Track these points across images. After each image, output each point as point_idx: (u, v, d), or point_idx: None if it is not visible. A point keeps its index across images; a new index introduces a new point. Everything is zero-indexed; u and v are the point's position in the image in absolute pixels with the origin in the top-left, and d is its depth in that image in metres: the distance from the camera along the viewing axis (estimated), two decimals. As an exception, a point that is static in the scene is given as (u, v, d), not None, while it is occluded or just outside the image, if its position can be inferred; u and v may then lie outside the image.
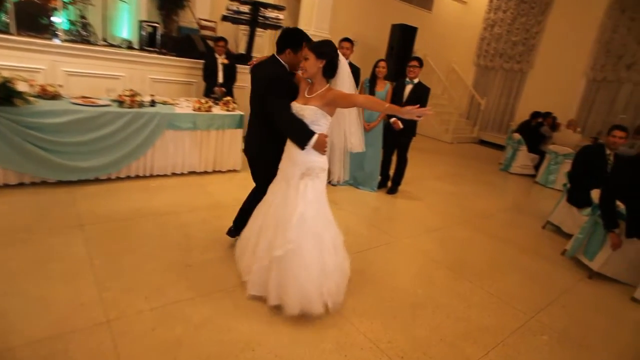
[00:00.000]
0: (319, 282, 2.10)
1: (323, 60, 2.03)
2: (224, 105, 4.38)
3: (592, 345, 2.38)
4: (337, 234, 2.29)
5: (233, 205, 3.57)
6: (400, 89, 4.44)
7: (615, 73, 7.72)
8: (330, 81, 2.12)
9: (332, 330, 2.12)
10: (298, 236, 2.05)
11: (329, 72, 2.07)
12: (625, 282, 3.17)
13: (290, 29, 2.36)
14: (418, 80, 4.43)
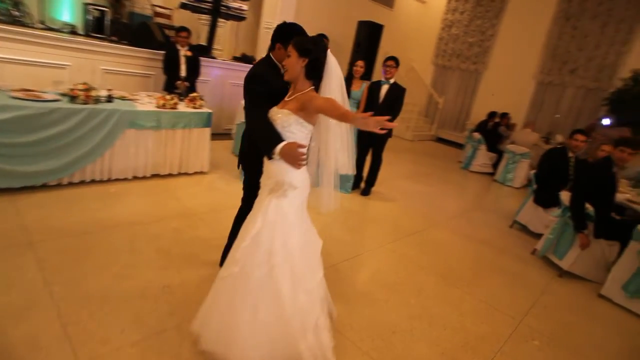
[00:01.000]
0: (275, 332, 1.69)
1: (305, 59, 1.68)
2: (191, 102, 4.03)
3: (579, 347, 2.47)
4: (315, 289, 1.82)
5: (206, 212, 3.31)
6: (376, 90, 4.37)
7: (560, 77, 8.28)
8: (316, 85, 1.76)
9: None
10: (246, 259, 1.69)
11: (312, 73, 1.71)
12: (591, 280, 3.37)
13: (286, 22, 2.13)
14: (394, 80, 4.38)
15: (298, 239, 1.75)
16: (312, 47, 1.68)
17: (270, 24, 6.96)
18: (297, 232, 1.76)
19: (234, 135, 5.37)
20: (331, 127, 1.78)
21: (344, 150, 1.87)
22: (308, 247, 1.84)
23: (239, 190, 3.95)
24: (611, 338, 2.67)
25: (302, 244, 1.78)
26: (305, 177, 1.80)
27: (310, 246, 1.87)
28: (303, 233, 1.81)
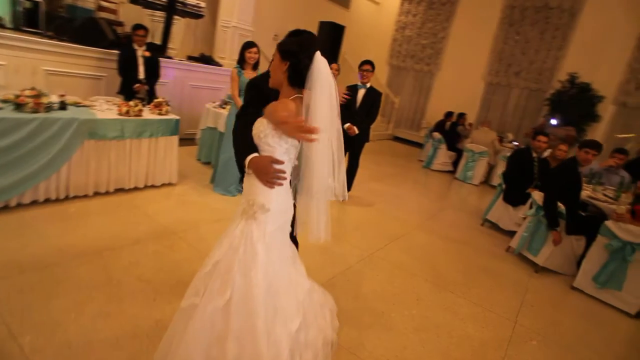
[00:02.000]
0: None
1: (287, 62, 1.45)
2: (156, 108, 3.69)
3: (569, 344, 2.60)
4: (283, 341, 1.50)
5: (185, 230, 3.04)
6: (353, 94, 4.31)
7: (506, 79, 8.85)
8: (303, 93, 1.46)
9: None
10: (205, 289, 1.48)
11: (294, 78, 1.45)
12: (563, 273, 3.59)
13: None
14: (370, 84, 4.36)
15: (265, 272, 1.46)
16: (295, 48, 1.44)
17: (227, 22, 6.64)
18: (265, 264, 1.46)
19: (199, 141, 5.04)
20: (313, 144, 1.45)
21: (331, 171, 1.53)
22: (282, 287, 1.54)
23: (214, 202, 3.73)
24: (593, 331, 2.85)
25: (273, 280, 1.49)
26: (284, 200, 1.54)
27: (286, 286, 1.56)
28: (274, 267, 1.50)
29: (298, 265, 1.72)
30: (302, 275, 1.72)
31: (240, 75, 3.81)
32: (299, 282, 1.66)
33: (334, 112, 1.49)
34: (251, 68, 3.84)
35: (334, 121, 1.50)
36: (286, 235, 1.63)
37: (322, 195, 1.53)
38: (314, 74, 1.41)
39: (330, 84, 1.45)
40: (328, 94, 1.45)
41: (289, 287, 1.59)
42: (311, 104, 1.41)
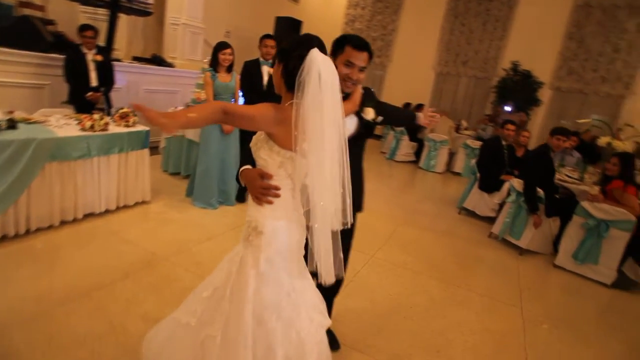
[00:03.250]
0: None
1: (281, 64, 1.29)
2: (122, 120, 3.30)
3: (572, 321, 2.77)
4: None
5: (176, 254, 2.77)
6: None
7: (455, 68, 9.26)
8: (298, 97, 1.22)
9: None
10: (202, 313, 1.38)
11: (288, 82, 1.26)
12: (543, 253, 3.84)
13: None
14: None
15: (255, 309, 1.27)
16: (286, 47, 1.28)
17: (176, 19, 6.15)
18: (253, 300, 1.27)
19: (163, 150, 4.64)
20: (309, 165, 1.22)
21: (334, 197, 1.26)
22: (272, 330, 1.28)
23: (197, 218, 3.45)
24: (584, 305, 3.09)
25: (262, 320, 1.28)
26: (282, 224, 1.30)
27: (275, 331, 1.29)
28: (266, 301, 1.29)
29: (307, 310, 1.39)
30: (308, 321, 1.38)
31: (214, 79, 3.52)
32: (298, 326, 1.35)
33: (333, 125, 1.21)
34: (225, 71, 3.57)
35: (334, 136, 1.21)
36: (293, 268, 1.37)
37: (323, 225, 1.27)
38: (304, 75, 1.19)
39: (332, 86, 1.21)
40: (321, 101, 1.18)
41: (287, 342, 1.31)
42: (299, 113, 1.19)
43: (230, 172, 3.79)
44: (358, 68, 1.58)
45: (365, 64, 1.60)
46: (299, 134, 1.19)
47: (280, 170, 1.29)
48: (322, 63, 1.20)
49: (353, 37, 1.63)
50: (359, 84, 1.64)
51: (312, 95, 1.17)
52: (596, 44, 7.81)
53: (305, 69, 1.19)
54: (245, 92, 3.74)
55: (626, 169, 3.34)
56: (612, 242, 3.36)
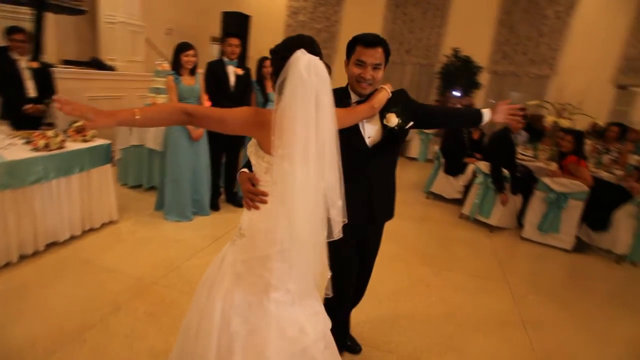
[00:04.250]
0: None
1: (273, 67, 1.24)
2: (78, 135, 2.95)
3: (552, 289, 3.03)
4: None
5: (164, 276, 2.58)
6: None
7: (400, 57, 9.55)
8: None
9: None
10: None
11: (274, 83, 1.20)
12: (509, 227, 4.14)
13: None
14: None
15: (224, 308, 1.23)
16: (275, 49, 1.24)
17: (112, 17, 5.63)
18: (224, 299, 1.23)
19: (119, 162, 4.25)
20: (286, 178, 1.15)
21: (315, 204, 1.19)
22: (235, 333, 1.21)
23: (174, 232, 3.24)
24: (556, 271, 3.39)
25: (229, 320, 1.21)
26: (270, 228, 1.23)
27: (238, 335, 1.21)
28: (233, 305, 1.23)
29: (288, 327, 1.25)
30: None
31: (178, 83, 3.27)
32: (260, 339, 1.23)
33: (319, 133, 1.13)
34: (189, 73, 3.33)
35: (311, 143, 1.13)
36: (256, 285, 1.27)
37: (300, 236, 1.20)
38: (284, 77, 1.12)
39: (309, 92, 1.10)
40: (303, 105, 1.10)
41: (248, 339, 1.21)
42: (277, 117, 1.11)
43: (203, 181, 3.58)
44: (371, 66, 1.50)
45: (378, 61, 1.51)
46: (276, 138, 1.12)
47: (267, 176, 1.23)
48: (304, 64, 1.11)
49: (363, 35, 1.55)
50: (375, 83, 1.54)
51: (288, 98, 1.10)
52: (524, 29, 8.48)
53: (285, 71, 1.12)
54: (212, 95, 3.52)
55: (579, 145, 3.69)
56: (569, 212, 3.71)
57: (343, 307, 1.86)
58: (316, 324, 1.30)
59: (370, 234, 1.79)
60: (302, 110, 1.10)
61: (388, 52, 1.55)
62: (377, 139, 1.59)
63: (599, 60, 8.02)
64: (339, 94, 1.67)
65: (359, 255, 1.78)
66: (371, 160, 1.61)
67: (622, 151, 4.61)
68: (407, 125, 1.59)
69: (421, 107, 1.71)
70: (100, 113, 1.04)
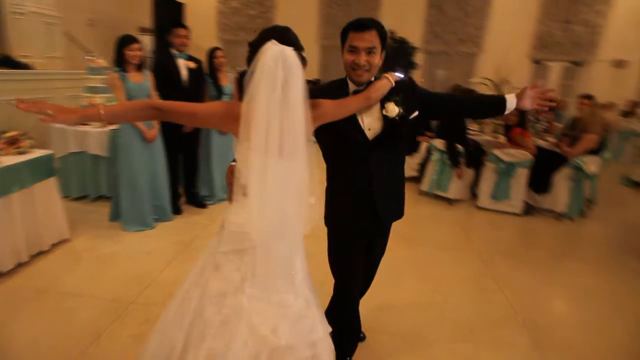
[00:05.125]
0: None
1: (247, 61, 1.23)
2: (11, 147, 2.55)
3: (511, 251, 3.34)
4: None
5: (141, 294, 2.43)
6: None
7: (337, 41, 9.51)
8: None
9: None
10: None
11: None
12: (464, 199, 4.43)
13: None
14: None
15: (201, 295, 1.23)
16: (252, 41, 1.23)
17: (20, 7, 4.91)
18: (203, 285, 1.23)
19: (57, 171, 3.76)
20: (250, 166, 1.14)
21: (278, 201, 1.17)
22: (208, 320, 1.19)
23: (138, 243, 3.05)
24: (511, 234, 3.72)
25: (203, 307, 1.21)
26: (238, 222, 1.20)
27: (211, 323, 1.19)
28: (209, 293, 1.21)
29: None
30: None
31: (124, 80, 2.95)
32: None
33: (287, 125, 1.11)
34: (135, 69, 3.01)
35: (288, 138, 1.12)
36: (251, 273, 1.23)
37: (262, 233, 1.18)
38: (252, 68, 1.10)
39: (273, 82, 1.08)
40: (269, 96, 1.08)
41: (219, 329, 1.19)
42: (244, 109, 1.11)
43: (162, 184, 3.32)
44: (364, 51, 1.40)
45: (371, 44, 1.40)
46: (243, 131, 1.12)
47: (240, 164, 1.20)
48: (271, 55, 1.09)
49: (354, 20, 1.47)
50: (373, 69, 1.44)
51: (255, 90, 1.09)
52: (451, 9, 8.97)
53: (254, 63, 1.11)
54: (162, 91, 3.23)
55: (523, 118, 4.02)
56: (517, 179, 4.06)
57: (349, 308, 1.75)
58: (295, 330, 1.21)
59: (376, 234, 1.67)
60: (268, 102, 1.09)
61: (383, 35, 1.44)
62: (378, 131, 1.49)
63: (517, 37, 8.78)
64: (336, 85, 1.62)
65: (365, 255, 1.69)
66: (372, 153, 1.49)
67: (550, 120, 5.13)
68: (410, 115, 1.49)
69: (431, 95, 1.60)
70: (61, 109, 1.06)
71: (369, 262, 1.73)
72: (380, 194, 1.54)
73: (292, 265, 1.26)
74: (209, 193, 3.92)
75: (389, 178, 1.58)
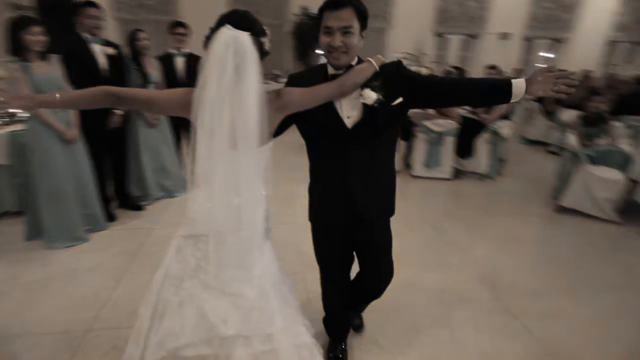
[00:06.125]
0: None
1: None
2: None
3: (448, 211, 3.65)
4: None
5: (97, 318, 2.19)
6: (169, 65, 3.58)
7: (250, 18, 9.18)
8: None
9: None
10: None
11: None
12: (400, 170, 4.70)
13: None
14: (188, 50, 3.72)
15: (164, 275, 1.26)
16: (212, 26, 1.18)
17: None
18: (166, 266, 1.27)
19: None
20: (197, 148, 1.13)
21: (226, 193, 1.18)
22: (167, 300, 1.22)
23: (76, 262, 2.87)
24: (447, 198, 4.08)
25: (163, 287, 1.25)
26: (194, 209, 1.23)
27: (169, 302, 1.22)
28: (170, 274, 1.24)
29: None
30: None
31: (28, 72, 2.43)
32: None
33: (237, 113, 1.09)
34: (39, 57, 2.50)
35: (240, 127, 1.10)
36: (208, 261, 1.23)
37: (227, 232, 1.19)
38: (207, 54, 1.09)
39: (230, 69, 1.06)
40: (219, 83, 1.07)
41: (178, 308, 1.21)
42: (196, 96, 1.09)
43: (90, 190, 2.90)
44: (339, 31, 1.29)
45: (346, 23, 1.28)
46: (194, 119, 1.11)
47: None
48: (223, 40, 1.07)
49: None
50: (351, 51, 1.33)
51: (206, 77, 1.08)
52: (360, -15, 9.14)
53: (208, 48, 1.10)
54: (76, 82, 2.72)
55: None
56: (445, 147, 4.43)
57: (329, 293, 1.76)
58: (247, 321, 1.20)
59: (361, 233, 1.56)
60: (217, 89, 1.07)
61: (362, 13, 1.32)
62: (357, 119, 1.38)
63: (422, 12, 9.36)
64: (315, 71, 1.53)
65: (360, 256, 1.66)
66: (351, 144, 1.40)
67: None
68: (393, 101, 1.36)
69: (422, 80, 1.45)
70: (16, 96, 1.11)
71: (366, 267, 1.68)
72: (361, 188, 1.44)
73: (251, 257, 1.23)
74: (142, 193, 3.55)
75: (372, 171, 1.46)
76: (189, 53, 3.69)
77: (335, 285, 1.74)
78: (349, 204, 1.46)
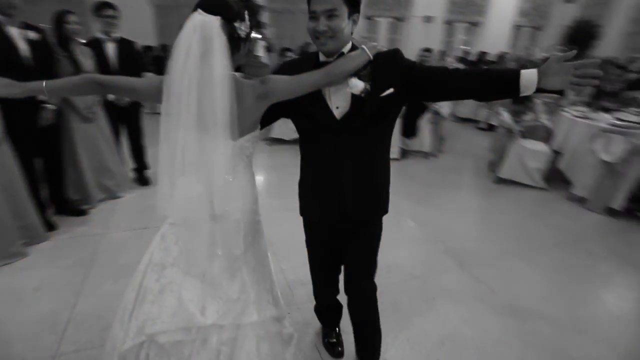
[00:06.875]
0: None
1: None
2: None
3: (405, 192, 3.84)
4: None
5: (60, 340, 1.93)
6: (99, 51, 3.20)
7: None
8: None
9: None
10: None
11: None
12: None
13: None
14: (119, 35, 3.36)
15: (149, 261, 1.28)
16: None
17: None
18: (151, 253, 1.29)
19: None
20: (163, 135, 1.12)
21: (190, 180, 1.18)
22: (149, 287, 1.25)
23: (18, 280, 2.70)
24: (399, 177, 4.26)
25: (146, 272, 1.27)
26: (171, 198, 1.18)
27: (150, 289, 1.25)
28: (153, 261, 1.27)
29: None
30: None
31: None
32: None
33: (203, 100, 1.08)
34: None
35: (206, 114, 1.09)
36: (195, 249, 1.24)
37: (196, 223, 1.20)
38: (177, 38, 1.08)
39: (196, 54, 1.05)
40: (185, 68, 1.05)
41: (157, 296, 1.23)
42: (165, 81, 1.08)
43: (23, 198, 2.52)
44: (323, 15, 1.20)
45: (330, 5, 1.19)
46: (163, 105, 1.11)
47: None
48: (191, 25, 1.06)
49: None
50: (338, 36, 1.24)
51: (174, 62, 1.07)
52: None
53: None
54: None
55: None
56: (393, 128, 4.60)
57: (317, 285, 1.80)
58: (224, 310, 1.23)
59: (348, 234, 1.49)
60: (182, 74, 1.06)
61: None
62: (346, 110, 1.30)
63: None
64: (305, 58, 1.47)
65: (349, 253, 1.58)
66: (340, 136, 1.32)
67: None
68: (382, 92, 1.26)
69: (419, 70, 1.31)
70: (5, 82, 1.12)
71: (353, 254, 1.57)
72: (350, 184, 1.37)
73: (231, 247, 1.24)
74: (82, 196, 3.18)
75: (363, 166, 1.37)
76: (121, 38, 3.33)
77: (326, 276, 1.76)
78: (337, 199, 1.40)
